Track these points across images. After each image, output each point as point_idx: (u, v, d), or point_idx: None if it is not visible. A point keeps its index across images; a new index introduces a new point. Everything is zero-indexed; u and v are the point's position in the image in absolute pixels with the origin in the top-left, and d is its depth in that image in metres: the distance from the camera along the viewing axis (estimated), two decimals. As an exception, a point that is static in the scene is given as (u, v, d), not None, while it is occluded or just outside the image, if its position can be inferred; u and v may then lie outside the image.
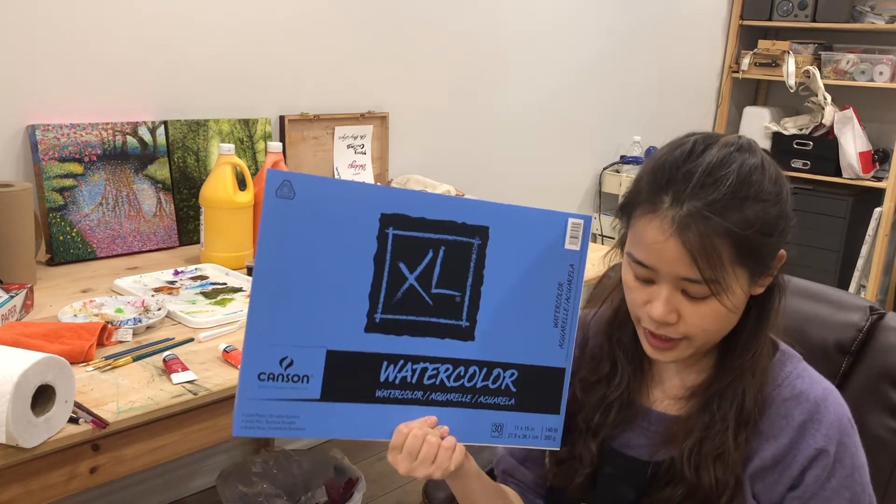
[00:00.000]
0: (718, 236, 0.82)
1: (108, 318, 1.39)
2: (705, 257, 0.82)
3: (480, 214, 0.90)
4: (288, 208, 0.82)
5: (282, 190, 0.82)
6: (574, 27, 3.12)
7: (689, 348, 0.90)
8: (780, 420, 0.89)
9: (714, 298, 0.85)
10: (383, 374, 0.89)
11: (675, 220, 0.83)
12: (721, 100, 4.03)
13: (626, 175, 3.37)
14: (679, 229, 0.83)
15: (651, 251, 0.86)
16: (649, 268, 0.87)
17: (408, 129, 2.58)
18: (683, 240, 0.82)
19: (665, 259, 0.84)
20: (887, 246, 3.61)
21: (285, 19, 2.19)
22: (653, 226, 0.85)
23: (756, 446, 0.90)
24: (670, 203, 0.84)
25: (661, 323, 0.88)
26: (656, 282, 0.88)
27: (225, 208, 1.76)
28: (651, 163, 0.89)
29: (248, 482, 2.00)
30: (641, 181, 0.89)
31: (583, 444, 0.98)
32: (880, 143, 3.81)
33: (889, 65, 3.56)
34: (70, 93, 1.81)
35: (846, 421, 0.89)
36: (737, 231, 0.82)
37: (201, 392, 1.18)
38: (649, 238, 0.85)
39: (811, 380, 0.92)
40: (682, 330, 0.88)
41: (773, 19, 3.83)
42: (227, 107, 2.10)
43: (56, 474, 1.07)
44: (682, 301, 0.87)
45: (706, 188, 0.83)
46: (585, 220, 0.96)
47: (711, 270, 0.83)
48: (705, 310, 0.86)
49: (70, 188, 1.77)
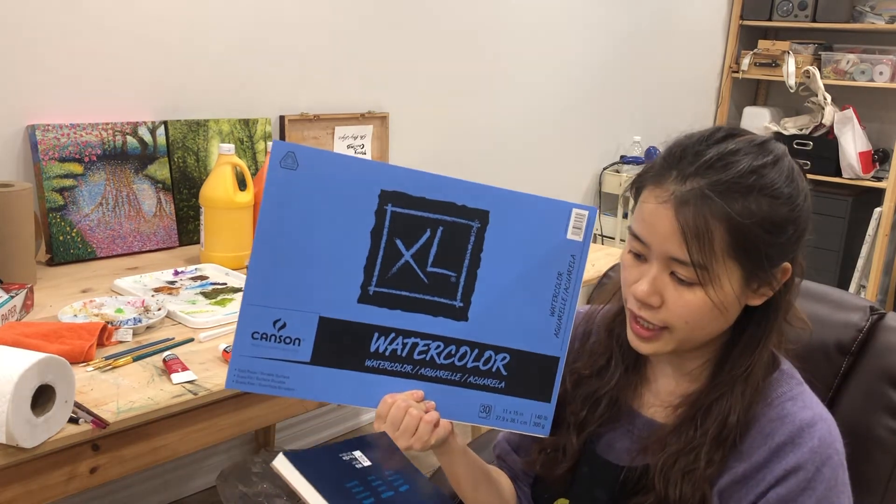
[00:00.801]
0: (714, 219, 0.80)
1: (108, 318, 1.39)
2: (696, 238, 0.80)
3: (482, 198, 0.92)
4: (291, 178, 0.86)
5: (286, 160, 0.85)
6: (574, 27, 3.12)
7: (671, 342, 0.88)
8: (760, 438, 0.86)
9: (700, 287, 0.83)
10: (373, 345, 0.92)
11: (675, 194, 0.82)
12: (721, 100, 4.03)
13: (626, 175, 3.37)
14: (677, 204, 0.81)
15: (646, 225, 0.85)
16: (643, 242, 0.86)
17: (408, 129, 2.58)
18: (678, 215, 0.81)
19: (658, 233, 0.83)
20: (887, 246, 3.61)
21: (285, 19, 2.19)
22: (653, 197, 0.84)
23: (731, 463, 0.87)
24: (674, 178, 0.83)
25: (643, 303, 0.86)
26: (648, 260, 0.86)
27: (225, 208, 1.76)
28: (670, 142, 0.89)
29: (248, 482, 2.00)
30: (657, 157, 0.89)
31: (567, 436, 0.98)
32: (880, 143, 3.81)
33: (889, 65, 3.56)
34: (70, 93, 1.81)
35: (832, 451, 0.84)
36: (735, 217, 0.80)
37: (201, 392, 1.18)
38: (647, 211, 0.85)
39: (804, 404, 0.87)
40: (663, 316, 0.86)
41: (773, 19, 3.83)
42: (227, 107, 2.10)
43: (56, 474, 1.07)
44: (668, 285, 0.85)
45: (713, 169, 0.82)
46: (590, 212, 0.95)
47: (700, 254, 0.80)
48: (690, 298, 0.83)
49: (70, 188, 1.77)
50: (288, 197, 0.86)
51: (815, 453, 0.83)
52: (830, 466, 0.83)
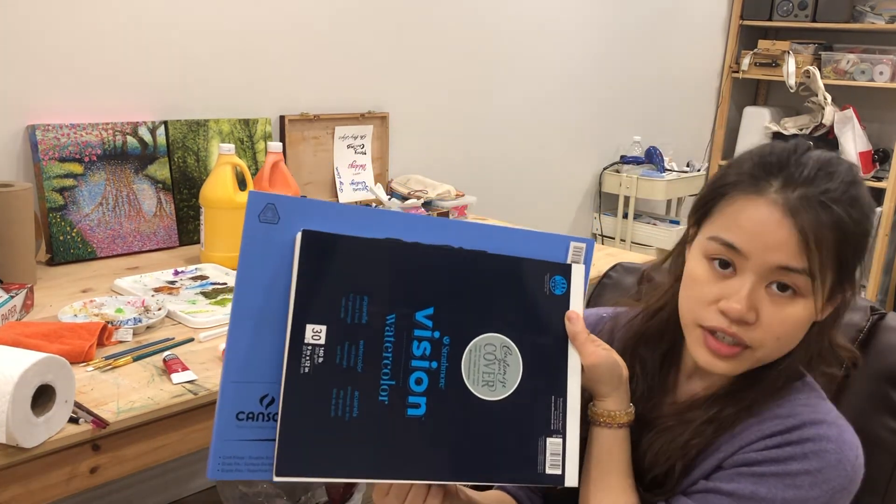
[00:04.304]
0: (828, 227, 0.77)
1: (108, 318, 1.39)
2: (817, 245, 0.76)
3: (477, 238, 0.83)
4: (271, 233, 0.76)
5: (265, 214, 0.76)
6: (574, 27, 3.12)
7: (750, 360, 0.83)
8: (756, 426, 0.83)
9: (800, 300, 0.79)
10: None
11: (787, 202, 0.77)
12: (721, 100, 4.03)
13: (626, 175, 3.37)
14: (792, 212, 0.77)
15: (751, 234, 0.79)
16: (740, 252, 0.80)
17: (408, 129, 2.58)
18: (798, 223, 0.77)
19: (767, 243, 0.78)
20: (887, 246, 3.61)
21: (285, 19, 2.19)
22: (757, 206, 0.79)
23: (721, 444, 0.84)
24: (780, 186, 0.79)
25: (737, 321, 0.80)
26: (738, 273, 0.80)
27: (225, 208, 1.76)
28: (752, 153, 0.84)
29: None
30: (742, 166, 0.83)
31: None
32: (880, 143, 3.81)
33: (889, 65, 3.56)
34: (70, 93, 1.81)
35: (831, 448, 0.79)
36: (848, 226, 0.77)
37: (201, 392, 1.18)
38: (752, 218, 0.79)
39: (815, 409, 0.83)
40: (756, 334, 0.80)
41: (773, 19, 3.83)
42: (227, 107, 2.10)
43: (56, 474, 1.07)
44: (763, 299, 0.80)
45: (820, 178, 0.79)
46: (588, 244, 0.88)
47: (819, 261, 0.77)
48: (790, 312, 0.79)
49: (70, 188, 1.77)
50: (268, 254, 0.76)
51: (805, 440, 0.80)
52: (820, 459, 0.79)
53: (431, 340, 0.79)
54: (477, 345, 0.81)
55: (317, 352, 0.75)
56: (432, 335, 0.79)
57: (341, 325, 0.76)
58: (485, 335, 0.81)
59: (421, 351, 0.78)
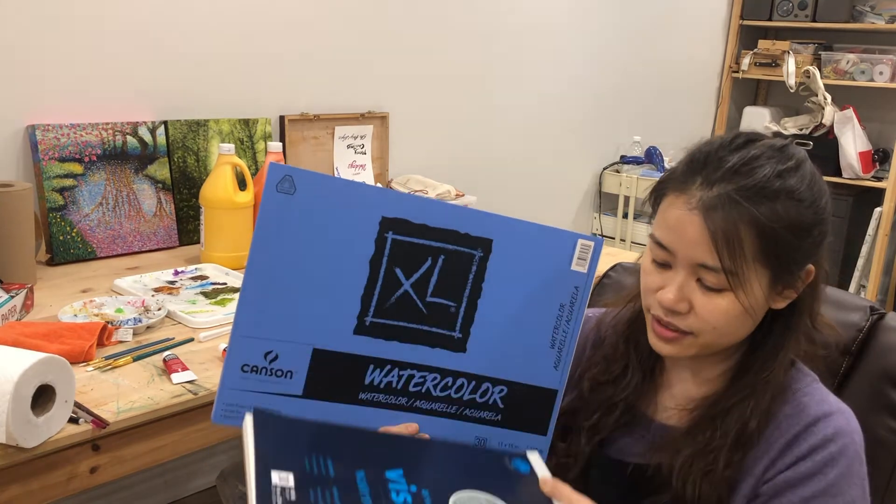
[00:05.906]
0: (744, 224, 0.80)
1: (108, 318, 1.39)
2: (727, 244, 0.79)
3: (485, 226, 0.88)
4: (287, 203, 0.81)
5: (283, 184, 0.80)
6: (574, 27, 3.12)
7: (694, 346, 0.87)
8: (777, 434, 0.86)
9: (729, 292, 0.82)
10: (368, 377, 0.88)
11: (701, 200, 0.81)
12: (721, 100, 4.03)
13: (626, 175, 3.37)
14: (704, 210, 0.80)
15: (672, 232, 0.84)
16: (668, 249, 0.84)
17: (408, 129, 2.58)
18: (707, 221, 0.80)
19: (685, 241, 0.82)
20: (887, 246, 3.61)
21: (285, 19, 2.19)
22: (678, 204, 0.83)
23: (750, 464, 0.86)
24: (700, 184, 0.82)
25: (670, 310, 0.85)
26: (673, 267, 0.85)
27: (225, 208, 1.76)
28: (690, 149, 0.88)
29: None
30: (678, 164, 0.87)
31: (578, 442, 0.97)
32: (880, 143, 3.81)
33: (889, 65, 3.56)
34: (70, 92, 1.81)
35: (847, 441, 0.83)
36: (764, 222, 0.79)
37: (201, 392, 1.18)
38: (672, 217, 0.84)
39: (820, 398, 0.87)
40: (691, 322, 0.85)
41: (773, 19, 3.83)
42: (227, 107, 2.09)
43: (56, 474, 1.07)
44: (695, 291, 0.84)
45: (739, 175, 0.81)
46: (596, 243, 0.92)
47: (731, 260, 0.80)
48: (719, 303, 0.83)
49: (70, 188, 1.77)
50: (284, 223, 0.81)
51: (828, 441, 0.83)
52: (846, 456, 0.83)
53: (411, 493, 0.77)
54: (461, 498, 0.78)
55: (287, 493, 0.70)
56: (409, 488, 0.77)
57: (310, 475, 0.73)
58: (467, 491, 0.80)
59: (402, 500, 0.75)
